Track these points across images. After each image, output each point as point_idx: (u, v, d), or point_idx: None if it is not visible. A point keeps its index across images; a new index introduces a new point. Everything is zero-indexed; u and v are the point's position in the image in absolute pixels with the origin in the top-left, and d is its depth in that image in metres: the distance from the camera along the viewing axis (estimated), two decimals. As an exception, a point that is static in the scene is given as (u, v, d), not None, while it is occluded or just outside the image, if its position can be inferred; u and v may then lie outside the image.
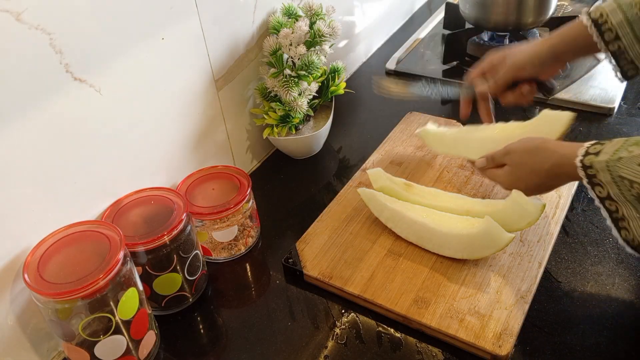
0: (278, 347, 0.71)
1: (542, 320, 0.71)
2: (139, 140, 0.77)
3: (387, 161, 0.97)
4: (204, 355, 0.72)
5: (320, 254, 0.80)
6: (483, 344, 0.66)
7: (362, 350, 0.70)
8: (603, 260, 0.77)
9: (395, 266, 0.77)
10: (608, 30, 0.75)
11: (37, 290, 0.59)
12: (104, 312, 0.62)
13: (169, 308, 0.76)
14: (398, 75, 1.25)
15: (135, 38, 0.71)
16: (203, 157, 0.90)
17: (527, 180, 0.72)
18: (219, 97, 0.90)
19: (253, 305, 0.78)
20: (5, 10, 0.55)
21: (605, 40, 0.76)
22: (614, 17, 0.74)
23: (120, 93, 0.71)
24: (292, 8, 0.95)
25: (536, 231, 0.80)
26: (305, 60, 0.91)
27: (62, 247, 0.65)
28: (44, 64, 0.61)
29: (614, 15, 0.74)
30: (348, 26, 1.21)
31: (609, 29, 0.75)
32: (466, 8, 1.20)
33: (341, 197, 0.90)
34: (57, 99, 0.63)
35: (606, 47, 0.76)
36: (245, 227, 0.84)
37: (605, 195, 0.61)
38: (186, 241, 0.73)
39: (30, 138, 0.62)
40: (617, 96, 1.06)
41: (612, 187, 0.60)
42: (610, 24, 0.75)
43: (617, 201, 0.61)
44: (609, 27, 0.75)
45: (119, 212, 0.73)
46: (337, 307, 0.75)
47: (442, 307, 0.71)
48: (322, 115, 1.04)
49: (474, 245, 0.75)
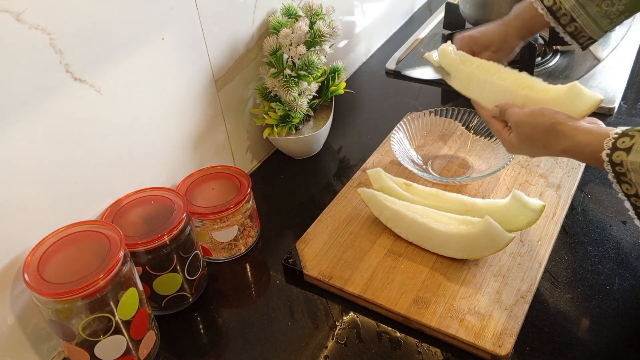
0: (278, 347, 0.71)
1: (542, 320, 0.71)
2: (139, 140, 0.77)
3: (387, 161, 0.97)
4: (204, 355, 0.72)
5: (320, 254, 0.80)
6: (483, 344, 0.66)
7: (362, 350, 0.70)
8: (603, 260, 0.77)
9: (395, 266, 0.77)
10: (563, 15, 0.79)
11: (37, 290, 0.59)
12: (104, 312, 0.62)
13: (169, 308, 0.76)
14: (398, 75, 1.25)
15: (135, 38, 0.71)
16: (203, 157, 0.90)
17: (535, 152, 0.71)
18: (219, 97, 0.90)
19: (253, 305, 0.78)
20: (5, 10, 0.55)
21: (561, 24, 0.80)
22: (566, 3, 0.78)
23: (120, 93, 0.71)
24: (292, 8, 0.95)
25: (536, 231, 0.80)
26: (305, 60, 0.91)
27: (62, 247, 0.65)
28: (44, 64, 0.61)
29: (566, 0, 0.78)
30: (348, 26, 1.21)
31: (564, 14, 0.79)
32: (466, 8, 1.20)
33: (341, 197, 0.90)
34: (57, 99, 0.63)
35: (564, 29, 0.81)
36: (245, 227, 0.84)
37: (632, 193, 0.59)
38: (186, 241, 0.73)
39: (30, 138, 0.62)
40: (617, 96, 1.06)
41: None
42: (565, 9, 0.78)
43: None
44: (564, 13, 0.79)
45: (119, 212, 0.73)
46: (337, 307, 0.75)
47: (442, 307, 0.71)
48: (322, 115, 1.04)
49: (474, 245, 0.75)
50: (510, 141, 0.74)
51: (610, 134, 0.60)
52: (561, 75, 1.14)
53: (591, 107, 0.68)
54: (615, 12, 0.78)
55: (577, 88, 0.70)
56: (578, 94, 0.70)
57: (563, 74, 1.14)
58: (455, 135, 1.00)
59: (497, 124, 0.77)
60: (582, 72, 1.13)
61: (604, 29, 0.80)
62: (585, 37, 0.81)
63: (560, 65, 1.17)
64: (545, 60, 1.19)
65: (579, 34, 0.80)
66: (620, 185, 0.60)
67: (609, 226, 0.82)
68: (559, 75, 1.14)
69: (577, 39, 0.81)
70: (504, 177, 0.91)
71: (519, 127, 0.71)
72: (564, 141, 0.65)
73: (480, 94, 0.81)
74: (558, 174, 0.90)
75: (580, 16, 0.78)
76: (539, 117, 0.68)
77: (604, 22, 0.79)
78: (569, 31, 0.80)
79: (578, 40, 0.82)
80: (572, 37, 0.81)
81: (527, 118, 0.70)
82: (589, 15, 0.77)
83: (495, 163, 0.91)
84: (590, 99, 0.69)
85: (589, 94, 0.69)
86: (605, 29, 0.80)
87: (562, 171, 0.90)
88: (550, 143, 0.67)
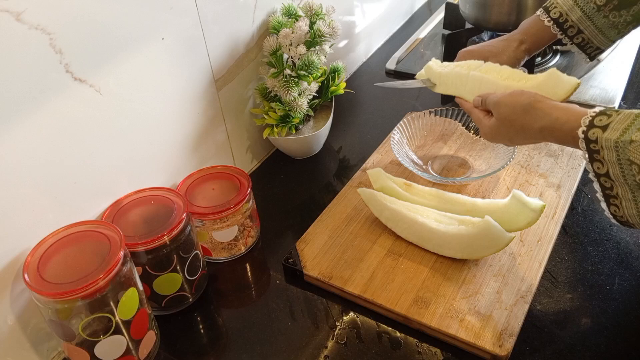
0: (278, 347, 0.71)
1: (542, 320, 0.71)
2: (139, 140, 0.77)
3: (387, 161, 0.97)
4: (204, 355, 0.72)
5: (320, 254, 0.80)
6: (483, 344, 0.66)
7: (362, 350, 0.70)
8: (603, 260, 0.77)
9: (395, 266, 0.77)
10: (570, 27, 0.80)
11: (37, 290, 0.59)
12: (104, 312, 0.62)
13: (169, 308, 0.76)
14: (398, 75, 1.25)
15: (135, 38, 0.71)
16: (203, 157, 0.90)
17: (512, 135, 0.70)
18: (219, 97, 0.90)
19: (253, 305, 0.78)
20: (5, 10, 0.55)
21: (569, 35, 0.81)
22: (573, 15, 0.78)
23: (120, 93, 0.71)
24: (292, 8, 0.95)
25: (536, 231, 0.80)
26: (305, 60, 0.91)
27: (62, 247, 0.65)
28: (44, 64, 0.61)
29: (573, 12, 0.78)
30: (348, 26, 1.21)
31: (571, 26, 0.80)
32: (466, 8, 1.20)
33: (341, 197, 0.90)
34: (57, 99, 0.63)
35: (571, 41, 0.82)
36: (245, 227, 0.84)
37: (603, 173, 0.59)
38: (186, 241, 0.73)
39: (30, 138, 0.62)
40: (617, 96, 1.06)
41: (614, 167, 0.57)
42: (571, 21, 0.79)
43: (614, 180, 0.58)
44: (571, 25, 0.80)
45: (119, 212, 0.73)
46: (337, 307, 0.75)
47: (442, 307, 0.71)
48: (322, 115, 1.04)
49: (474, 245, 0.75)
50: (490, 126, 0.73)
51: (588, 113, 0.60)
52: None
53: (569, 90, 0.71)
54: (623, 23, 0.78)
55: (556, 73, 0.73)
56: (557, 79, 0.73)
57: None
58: (455, 135, 1.00)
59: (478, 112, 0.76)
60: (582, 72, 1.13)
61: (611, 39, 0.81)
62: (592, 48, 0.81)
63: (560, 66, 1.17)
64: (545, 60, 1.19)
65: (586, 45, 0.81)
66: (592, 164, 0.59)
67: (609, 226, 0.82)
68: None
69: (584, 50, 0.82)
70: (504, 177, 0.91)
71: (498, 108, 0.71)
72: (542, 119, 0.65)
73: (463, 89, 0.82)
74: (558, 174, 0.90)
75: (588, 28, 0.78)
76: (519, 97, 0.68)
77: (612, 32, 0.80)
78: (576, 42, 0.81)
79: (585, 51, 0.82)
80: (579, 48, 0.82)
81: (506, 98, 0.70)
82: (597, 27, 0.78)
83: (495, 163, 0.91)
84: (568, 83, 0.71)
85: (567, 78, 0.72)
86: (613, 39, 0.81)
87: (562, 171, 0.90)
88: (529, 122, 0.66)
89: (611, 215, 0.61)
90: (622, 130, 0.56)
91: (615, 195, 0.59)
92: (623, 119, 0.57)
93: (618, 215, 0.60)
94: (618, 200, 0.59)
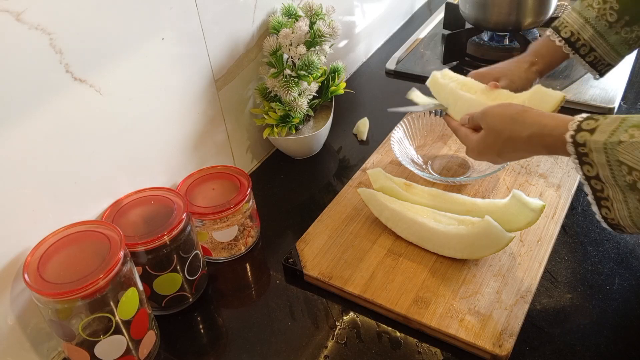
0: (278, 347, 0.71)
1: (542, 320, 0.71)
2: (139, 140, 0.77)
3: (387, 161, 0.97)
4: (204, 355, 0.72)
5: (320, 254, 0.80)
6: (483, 344, 0.66)
7: (362, 350, 0.70)
8: (603, 260, 0.77)
9: (395, 266, 0.77)
10: (582, 46, 0.81)
11: (37, 290, 0.59)
12: (104, 312, 0.62)
13: (169, 308, 0.76)
14: (398, 75, 1.25)
15: (135, 38, 0.71)
16: (203, 157, 0.90)
17: (500, 147, 0.70)
18: (219, 97, 0.90)
19: (253, 305, 0.78)
20: (5, 10, 0.55)
21: (581, 54, 0.81)
22: (584, 33, 0.79)
23: (120, 93, 0.71)
24: (292, 8, 0.95)
25: (536, 231, 0.80)
26: (305, 60, 0.91)
27: (62, 247, 0.65)
28: (44, 64, 0.61)
29: (584, 31, 0.78)
30: (348, 26, 1.21)
31: (583, 45, 0.80)
32: (466, 8, 1.20)
33: (341, 197, 0.90)
34: (57, 99, 0.63)
35: (583, 59, 0.82)
36: (245, 227, 0.84)
37: (593, 175, 0.59)
38: (186, 241, 0.73)
39: (31, 138, 0.62)
40: (617, 96, 1.06)
41: (603, 169, 0.57)
42: (583, 39, 0.80)
43: (604, 182, 0.58)
44: (583, 44, 0.80)
45: (119, 212, 0.73)
46: (337, 307, 0.75)
47: (442, 307, 0.71)
48: (322, 115, 1.04)
49: (474, 245, 0.75)
50: (477, 140, 0.73)
51: (575, 118, 0.61)
52: (561, 75, 1.14)
53: (555, 104, 0.74)
54: (635, 38, 0.78)
55: (541, 89, 0.76)
56: (543, 95, 0.76)
57: (563, 74, 1.14)
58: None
59: (465, 130, 0.77)
60: (582, 73, 1.13)
61: (622, 55, 0.81)
62: (604, 65, 0.82)
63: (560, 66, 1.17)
64: (545, 60, 1.19)
65: (598, 62, 0.81)
66: (582, 167, 0.59)
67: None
68: (558, 75, 1.14)
69: (595, 67, 0.82)
70: (504, 177, 0.91)
71: (486, 118, 0.71)
72: (530, 127, 0.65)
73: (453, 108, 0.84)
74: (558, 174, 0.90)
75: (600, 45, 0.78)
76: (507, 107, 0.69)
77: (623, 48, 0.80)
78: (588, 61, 0.81)
79: (597, 68, 0.82)
80: (591, 66, 0.82)
81: (494, 109, 0.70)
82: (609, 44, 0.78)
83: (495, 163, 0.91)
84: (554, 98, 0.75)
85: (553, 93, 0.75)
86: (623, 54, 0.81)
87: (562, 171, 0.90)
88: (517, 131, 0.66)
89: (602, 219, 0.61)
90: (610, 132, 0.57)
91: (607, 197, 0.59)
92: (611, 122, 0.57)
93: (609, 218, 0.60)
94: (609, 202, 0.59)
